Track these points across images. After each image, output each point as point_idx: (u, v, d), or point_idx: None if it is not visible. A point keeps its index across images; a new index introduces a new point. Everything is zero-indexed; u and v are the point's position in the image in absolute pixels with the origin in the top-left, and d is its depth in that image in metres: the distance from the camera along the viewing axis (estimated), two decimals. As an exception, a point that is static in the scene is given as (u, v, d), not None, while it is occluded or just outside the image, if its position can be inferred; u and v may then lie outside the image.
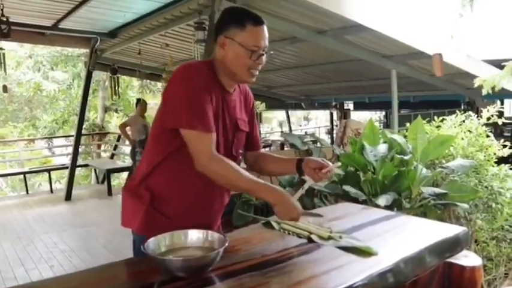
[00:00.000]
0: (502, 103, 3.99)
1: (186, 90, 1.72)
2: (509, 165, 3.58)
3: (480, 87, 3.93)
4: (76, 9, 5.80)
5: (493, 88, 3.78)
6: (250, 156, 2.10)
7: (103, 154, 13.22)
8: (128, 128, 8.08)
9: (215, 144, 1.74)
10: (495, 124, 3.75)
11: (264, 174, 2.13)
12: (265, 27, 1.81)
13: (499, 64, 5.03)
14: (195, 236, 1.56)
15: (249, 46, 1.76)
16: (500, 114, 3.77)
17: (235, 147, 1.92)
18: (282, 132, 17.72)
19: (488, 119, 3.62)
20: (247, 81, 1.89)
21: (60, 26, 6.86)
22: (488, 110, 3.64)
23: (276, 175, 2.90)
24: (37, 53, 15.71)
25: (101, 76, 14.16)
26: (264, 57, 1.81)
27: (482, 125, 3.61)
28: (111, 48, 8.02)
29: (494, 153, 3.55)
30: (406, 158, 3.18)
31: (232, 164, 1.74)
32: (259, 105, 14.74)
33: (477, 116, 3.73)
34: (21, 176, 10.43)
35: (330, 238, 1.63)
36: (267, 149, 11.76)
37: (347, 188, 3.06)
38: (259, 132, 2.15)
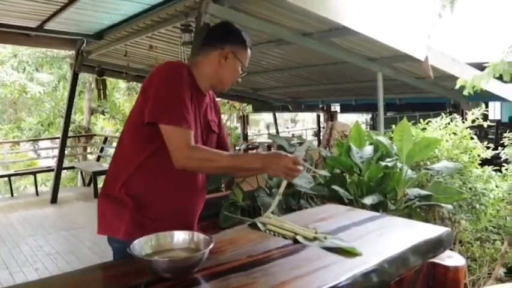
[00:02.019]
0: (487, 106, 4.04)
1: (169, 86, 1.76)
2: (493, 166, 3.62)
3: (462, 88, 3.98)
4: (62, 11, 5.74)
5: (475, 90, 3.83)
6: None
7: (89, 156, 13.13)
8: None
9: (193, 139, 1.77)
10: (480, 126, 3.80)
11: (237, 177, 2.19)
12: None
13: (483, 67, 5.09)
14: (180, 237, 1.56)
15: (243, 64, 1.97)
16: (485, 117, 3.81)
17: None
18: (269, 134, 17.75)
19: (473, 121, 3.66)
20: (223, 90, 2.03)
21: (45, 27, 6.78)
22: (473, 113, 3.68)
23: (247, 176, 3.02)
24: (22, 53, 15.55)
25: (87, 78, 14.06)
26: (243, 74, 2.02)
27: (467, 128, 3.65)
28: (98, 50, 7.97)
29: (479, 155, 3.59)
30: (391, 159, 3.21)
31: (208, 148, 1.83)
32: (246, 107, 14.77)
33: (462, 119, 3.77)
34: (6, 179, 10.32)
35: (315, 239, 1.64)
36: (254, 151, 11.77)
37: (335, 187, 3.08)
38: (225, 134, 2.23)
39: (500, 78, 3.86)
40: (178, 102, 1.75)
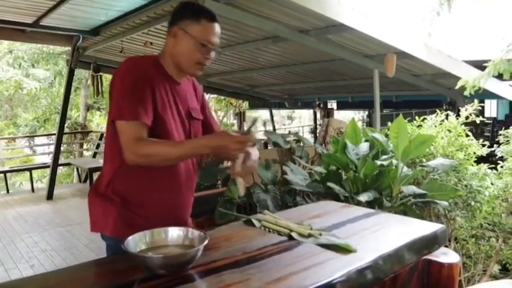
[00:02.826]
0: (483, 103, 4.05)
1: (125, 84, 1.76)
2: (489, 164, 3.63)
3: (462, 87, 3.99)
4: (57, 6, 5.72)
5: (475, 89, 3.84)
6: None
7: (85, 153, 13.12)
8: None
9: (145, 132, 1.72)
10: (476, 124, 3.80)
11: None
12: (218, 25, 1.86)
13: (479, 65, 5.11)
14: (175, 233, 1.56)
15: (200, 39, 1.80)
16: (480, 114, 3.81)
17: (194, 136, 1.94)
18: (265, 131, 17.74)
19: (467, 118, 3.66)
20: (193, 74, 1.95)
21: (41, 23, 6.76)
22: (466, 109, 3.68)
23: None
24: (17, 48, 15.49)
25: (83, 74, 14.03)
26: (212, 53, 1.86)
27: (461, 124, 3.66)
28: (94, 46, 7.95)
29: (474, 153, 3.60)
30: (387, 157, 3.21)
31: (154, 141, 1.72)
32: (243, 104, 14.77)
33: (457, 116, 3.77)
34: (2, 175, 10.29)
35: (310, 236, 1.64)
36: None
37: (331, 184, 3.08)
38: (214, 119, 2.20)
39: (497, 76, 3.88)
40: (131, 96, 1.72)
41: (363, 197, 2.86)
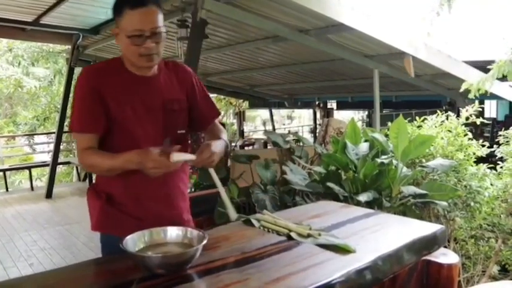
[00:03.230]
0: (483, 103, 4.04)
1: (75, 94, 1.85)
2: (488, 164, 3.63)
3: (465, 90, 3.99)
4: (58, 5, 5.73)
5: (481, 92, 3.85)
6: (206, 135, 2.13)
7: (85, 151, 13.07)
8: None
9: (93, 142, 1.79)
10: (475, 124, 3.80)
11: None
12: (146, 9, 1.72)
13: (480, 66, 5.11)
14: (174, 232, 1.56)
15: (128, 32, 1.73)
16: (480, 115, 3.81)
17: (172, 129, 1.90)
18: (265, 130, 17.75)
19: (467, 118, 3.66)
20: (146, 66, 1.82)
21: (41, 22, 6.77)
22: (466, 110, 3.68)
23: None
24: (17, 47, 15.49)
25: (83, 73, 13.98)
26: (150, 41, 1.74)
27: (462, 125, 3.65)
28: (94, 44, 7.94)
29: (474, 153, 3.60)
30: (386, 157, 3.21)
31: (96, 152, 1.78)
32: (243, 104, 14.77)
33: (457, 116, 3.77)
34: (1, 174, 10.29)
35: (309, 236, 1.64)
36: (250, 147, 11.78)
37: (330, 184, 3.08)
38: (211, 105, 2.11)
39: (499, 77, 3.88)
40: (79, 109, 1.81)
41: (363, 197, 2.86)
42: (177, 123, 1.93)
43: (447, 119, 3.74)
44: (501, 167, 3.62)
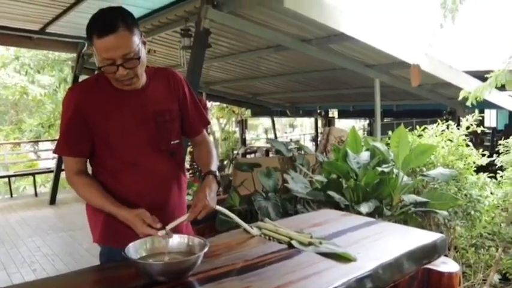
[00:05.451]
0: (482, 112, 4.06)
1: (60, 116, 1.84)
2: (488, 173, 3.64)
3: (459, 95, 4.01)
4: (64, 14, 5.78)
5: (478, 100, 3.86)
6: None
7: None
8: None
9: (79, 164, 1.83)
10: (476, 134, 3.82)
11: None
12: (114, 35, 1.61)
13: (479, 75, 5.12)
14: (175, 240, 1.57)
15: (99, 62, 1.68)
16: (480, 124, 3.83)
17: (165, 140, 1.87)
18: (267, 138, 17.75)
19: (468, 128, 3.68)
20: (126, 89, 1.77)
21: (47, 31, 6.84)
22: (467, 120, 3.70)
23: None
24: (24, 55, 15.57)
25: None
26: (122, 68, 1.66)
27: (462, 135, 3.67)
28: (98, 53, 7.97)
29: (474, 162, 3.61)
30: (387, 165, 3.23)
31: (90, 185, 1.80)
32: (245, 112, 14.79)
33: (457, 126, 3.79)
34: (6, 180, 10.34)
35: (310, 244, 1.66)
36: (252, 155, 11.78)
37: (331, 193, 3.09)
38: (200, 115, 2.03)
39: (497, 87, 3.89)
40: (63, 133, 1.80)
41: (364, 208, 2.86)
42: (170, 134, 1.89)
43: (448, 128, 3.76)
44: (501, 176, 3.64)
